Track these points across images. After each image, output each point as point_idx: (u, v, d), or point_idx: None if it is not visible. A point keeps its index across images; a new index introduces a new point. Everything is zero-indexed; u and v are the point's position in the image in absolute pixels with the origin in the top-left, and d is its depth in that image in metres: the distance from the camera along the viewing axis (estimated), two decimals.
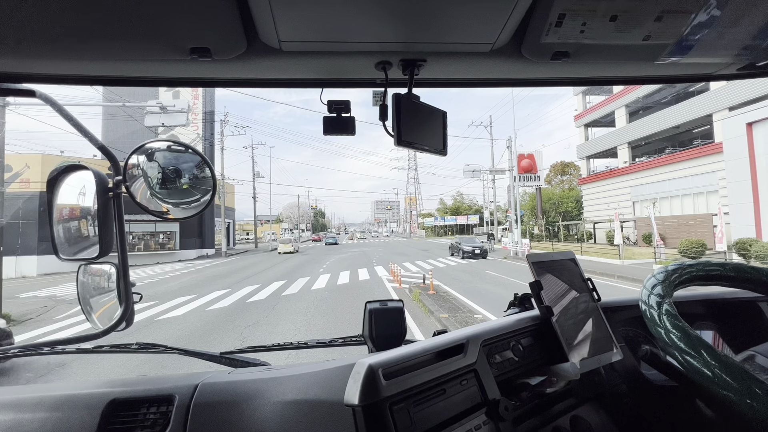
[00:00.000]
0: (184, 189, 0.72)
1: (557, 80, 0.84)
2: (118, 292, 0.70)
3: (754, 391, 0.58)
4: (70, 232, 0.71)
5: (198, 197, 0.72)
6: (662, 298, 0.74)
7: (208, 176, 0.72)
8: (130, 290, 0.69)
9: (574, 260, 0.92)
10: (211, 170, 0.73)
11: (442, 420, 0.61)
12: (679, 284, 0.81)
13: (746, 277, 0.84)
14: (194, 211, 0.72)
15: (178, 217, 0.73)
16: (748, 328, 0.98)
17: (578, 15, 0.57)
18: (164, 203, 0.70)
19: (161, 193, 0.70)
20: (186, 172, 0.72)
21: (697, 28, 0.60)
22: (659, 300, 0.74)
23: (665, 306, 0.72)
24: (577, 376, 0.73)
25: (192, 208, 0.72)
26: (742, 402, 0.58)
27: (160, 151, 0.71)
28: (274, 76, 0.77)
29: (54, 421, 0.62)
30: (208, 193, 0.72)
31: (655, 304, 0.74)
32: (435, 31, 0.61)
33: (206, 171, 0.73)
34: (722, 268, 0.85)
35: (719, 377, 0.61)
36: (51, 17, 0.53)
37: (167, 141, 0.72)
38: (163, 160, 0.71)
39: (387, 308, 1.03)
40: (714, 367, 0.62)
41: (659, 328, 0.71)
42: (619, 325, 0.93)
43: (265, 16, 0.56)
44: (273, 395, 0.64)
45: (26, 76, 0.70)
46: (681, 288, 0.82)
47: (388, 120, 0.71)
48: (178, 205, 0.72)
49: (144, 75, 0.74)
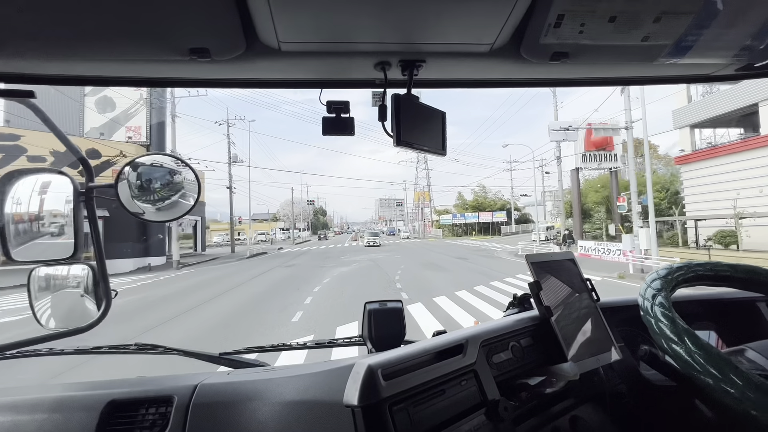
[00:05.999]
0: (167, 193, 0.74)
1: (556, 81, 0.85)
2: (96, 290, 0.72)
3: (731, 379, 0.58)
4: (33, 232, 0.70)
5: (179, 200, 0.75)
6: (658, 291, 0.74)
7: (191, 180, 0.75)
8: (109, 287, 0.72)
9: (574, 260, 0.93)
10: (194, 173, 0.76)
11: (441, 420, 0.61)
12: (683, 282, 0.80)
13: (737, 276, 0.83)
14: (179, 213, 0.76)
15: (160, 219, 0.77)
16: (746, 328, 0.96)
17: (577, 16, 0.57)
18: (145, 206, 0.73)
19: (143, 196, 0.73)
20: (166, 176, 0.75)
21: (696, 29, 0.60)
22: (654, 293, 0.74)
23: (659, 298, 0.72)
24: (576, 377, 0.71)
25: (176, 210, 0.75)
26: (718, 388, 0.59)
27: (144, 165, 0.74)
28: (274, 77, 0.77)
29: (53, 422, 0.62)
30: (190, 195, 0.76)
31: (650, 297, 0.74)
32: (434, 31, 0.61)
33: (190, 175, 0.75)
34: (732, 269, 0.83)
35: (700, 364, 0.61)
36: (50, 18, 0.53)
37: (155, 153, 0.82)
38: (147, 168, 0.74)
39: (386, 309, 1.02)
40: (696, 354, 0.62)
41: (649, 317, 0.71)
42: (618, 325, 0.93)
43: (264, 17, 0.56)
44: (272, 396, 0.64)
45: (25, 76, 0.70)
46: (684, 286, 0.81)
47: (387, 120, 0.71)
48: (159, 208, 0.74)
49: (143, 76, 0.74)
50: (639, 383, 0.86)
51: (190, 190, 0.76)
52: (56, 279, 0.77)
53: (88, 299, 0.74)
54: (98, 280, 0.71)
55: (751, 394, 0.57)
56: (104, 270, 0.72)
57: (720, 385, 0.59)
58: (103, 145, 17.29)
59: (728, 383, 0.58)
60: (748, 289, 0.84)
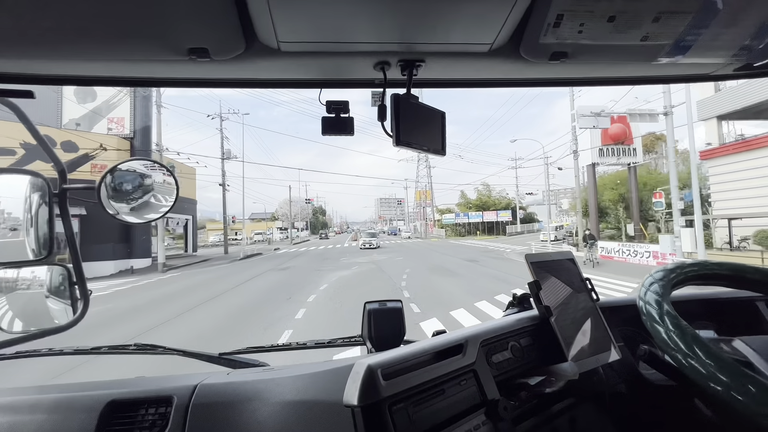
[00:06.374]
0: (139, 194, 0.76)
1: (556, 80, 0.84)
2: (71, 289, 0.73)
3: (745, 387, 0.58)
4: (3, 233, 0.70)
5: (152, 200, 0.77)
6: (662, 297, 0.73)
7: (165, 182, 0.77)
8: (86, 288, 0.73)
9: (573, 260, 0.92)
10: (173, 176, 0.78)
11: (441, 420, 0.61)
12: (677, 284, 0.79)
13: (743, 276, 0.83)
14: (156, 214, 0.78)
15: (137, 220, 0.79)
16: (745, 327, 0.96)
17: (576, 15, 0.57)
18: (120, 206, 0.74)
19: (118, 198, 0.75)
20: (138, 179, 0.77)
21: (695, 28, 0.60)
22: (659, 299, 0.72)
23: (665, 306, 0.71)
24: (575, 376, 0.71)
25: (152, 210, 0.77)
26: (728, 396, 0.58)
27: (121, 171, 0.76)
28: (273, 77, 0.77)
29: (52, 422, 0.61)
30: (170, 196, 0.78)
31: (654, 303, 0.72)
32: (433, 31, 0.61)
33: (164, 177, 0.77)
34: (719, 267, 0.83)
35: (712, 374, 0.60)
36: (49, 18, 0.53)
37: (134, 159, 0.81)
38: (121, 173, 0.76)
39: (386, 308, 1.01)
40: (710, 366, 0.61)
41: (659, 327, 0.68)
42: (617, 324, 0.92)
43: (263, 17, 0.56)
44: (272, 396, 0.63)
45: (24, 76, 0.70)
46: (679, 288, 0.80)
47: (387, 120, 0.71)
48: (133, 209, 0.76)
49: (142, 75, 0.73)
50: (638, 383, 0.86)
51: (164, 191, 0.78)
52: (27, 281, 0.76)
53: (61, 300, 0.75)
54: (74, 281, 0.72)
55: None
56: (80, 270, 0.72)
57: (731, 394, 0.58)
58: (80, 137, 15.84)
59: (741, 392, 0.58)
60: (733, 286, 0.85)
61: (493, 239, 36.98)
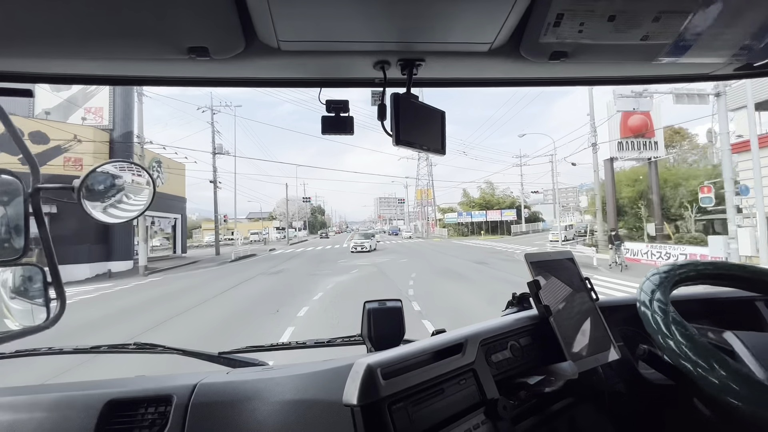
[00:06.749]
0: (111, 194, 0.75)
1: (556, 80, 0.84)
2: (45, 290, 0.73)
3: (716, 370, 0.59)
4: None
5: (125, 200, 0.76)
6: (665, 304, 0.73)
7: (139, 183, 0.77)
8: (62, 287, 0.71)
9: (573, 260, 0.92)
10: (149, 174, 0.78)
11: (440, 419, 0.61)
12: (674, 286, 0.80)
13: (736, 275, 0.83)
14: (131, 214, 0.78)
15: (111, 220, 0.78)
16: (745, 327, 0.92)
17: (576, 15, 0.57)
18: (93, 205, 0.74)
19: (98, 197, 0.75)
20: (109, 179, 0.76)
21: (695, 28, 0.60)
22: (663, 306, 0.73)
23: (671, 314, 0.71)
24: (575, 376, 0.71)
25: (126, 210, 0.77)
26: (700, 377, 0.60)
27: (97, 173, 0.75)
28: (273, 76, 0.77)
29: (51, 421, 0.61)
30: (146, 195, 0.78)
31: (659, 311, 0.73)
32: (433, 30, 0.61)
33: (144, 176, 0.77)
34: (713, 267, 0.84)
35: (686, 354, 0.63)
36: (49, 17, 0.53)
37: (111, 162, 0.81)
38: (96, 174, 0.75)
39: (386, 308, 1.00)
40: (683, 345, 0.63)
41: (668, 340, 0.69)
42: (617, 324, 0.92)
43: (263, 16, 0.56)
44: (271, 395, 0.64)
45: (24, 75, 0.70)
46: (675, 289, 0.81)
47: (386, 119, 0.71)
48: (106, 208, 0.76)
49: (141, 74, 0.74)
50: (638, 382, 0.86)
51: (136, 192, 0.77)
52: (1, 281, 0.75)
53: (35, 301, 0.74)
54: (49, 281, 0.71)
55: (735, 386, 0.58)
56: (56, 270, 0.71)
57: (702, 374, 0.60)
58: (52, 128, 14.38)
59: (712, 374, 0.59)
60: (729, 285, 0.86)
61: (498, 239, 35.54)
